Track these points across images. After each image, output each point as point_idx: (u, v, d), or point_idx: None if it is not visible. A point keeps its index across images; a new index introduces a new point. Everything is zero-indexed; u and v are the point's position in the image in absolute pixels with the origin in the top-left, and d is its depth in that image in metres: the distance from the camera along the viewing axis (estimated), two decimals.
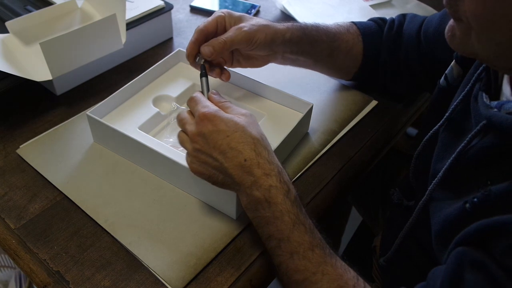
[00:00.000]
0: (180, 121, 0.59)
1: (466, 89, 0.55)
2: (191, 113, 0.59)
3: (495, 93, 0.51)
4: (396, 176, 0.98)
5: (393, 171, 0.99)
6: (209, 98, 0.60)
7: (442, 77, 0.63)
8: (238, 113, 0.57)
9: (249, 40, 0.67)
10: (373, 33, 0.78)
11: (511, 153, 0.45)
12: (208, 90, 0.64)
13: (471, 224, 0.44)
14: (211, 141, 0.54)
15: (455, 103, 0.56)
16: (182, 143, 0.58)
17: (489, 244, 0.42)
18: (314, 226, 0.54)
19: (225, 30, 0.68)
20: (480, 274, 0.41)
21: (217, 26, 0.68)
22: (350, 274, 0.51)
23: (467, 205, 0.47)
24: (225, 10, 0.69)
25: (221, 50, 0.66)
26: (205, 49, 0.66)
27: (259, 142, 0.54)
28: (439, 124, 0.58)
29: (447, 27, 0.49)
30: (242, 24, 0.67)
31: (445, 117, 0.58)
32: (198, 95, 0.60)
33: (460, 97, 0.55)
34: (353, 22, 0.79)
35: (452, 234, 0.46)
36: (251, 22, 0.68)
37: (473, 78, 0.54)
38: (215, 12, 0.69)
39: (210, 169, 0.55)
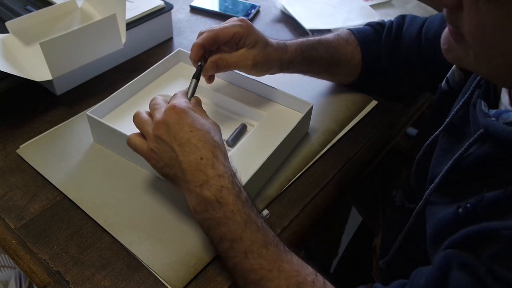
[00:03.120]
0: (152, 105, 0.59)
1: (466, 95, 0.54)
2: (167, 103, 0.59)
3: (494, 101, 0.50)
4: (396, 176, 0.98)
5: (393, 171, 1.00)
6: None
7: (444, 81, 0.63)
8: (208, 118, 0.58)
9: (252, 70, 0.69)
10: (371, 40, 0.78)
11: (507, 163, 0.45)
12: (193, 94, 0.64)
13: (463, 229, 0.44)
14: (173, 131, 0.54)
15: (455, 109, 0.56)
16: (140, 123, 0.58)
17: (477, 249, 0.42)
18: (266, 225, 0.53)
19: (236, 44, 0.68)
20: (467, 275, 0.41)
21: (231, 39, 0.67)
22: (308, 269, 0.51)
23: (460, 209, 0.47)
24: (245, 24, 0.67)
25: (222, 71, 0.68)
26: (209, 65, 0.67)
27: (219, 147, 0.55)
28: (439, 129, 0.58)
29: (442, 39, 0.48)
30: (253, 54, 0.67)
31: (445, 122, 0.57)
32: (180, 92, 0.60)
33: (460, 103, 0.55)
34: (350, 31, 0.79)
35: (444, 238, 0.46)
36: (262, 51, 0.68)
37: (473, 84, 0.54)
38: (234, 21, 0.67)
39: (165, 160, 0.55)
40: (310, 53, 0.74)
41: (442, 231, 0.49)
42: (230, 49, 0.69)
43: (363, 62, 0.78)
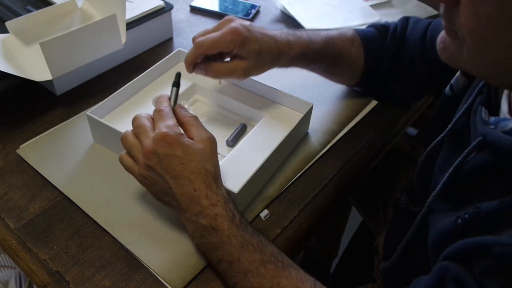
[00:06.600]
0: (137, 127, 0.57)
1: (468, 101, 0.54)
2: (152, 120, 0.57)
3: (495, 108, 0.50)
4: (396, 177, 0.98)
5: (393, 171, 0.99)
6: (174, 111, 0.59)
7: (448, 87, 0.63)
8: (199, 137, 0.56)
9: (246, 74, 0.68)
10: (375, 43, 0.77)
11: (504, 172, 0.45)
12: (175, 102, 0.62)
13: (461, 239, 0.44)
14: (165, 163, 0.53)
15: (458, 115, 0.56)
16: (129, 147, 0.57)
17: (471, 263, 0.43)
18: (264, 242, 0.54)
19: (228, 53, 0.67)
20: None
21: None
22: (307, 283, 0.52)
23: (459, 220, 0.47)
24: (237, 38, 0.64)
25: (215, 77, 0.69)
26: (199, 70, 0.68)
27: (211, 175, 0.55)
28: (442, 134, 0.58)
29: (439, 38, 0.48)
30: (244, 65, 0.66)
31: (448, 127, 0.57)
32: (166, 109, 0.58)
33: (463, 109, 0.55)
34: (356, 32, 0.77)
35: (444, 248, 0.46)
36: (255, 59, 0.66)
37: (475, 91, 0.54)
38: (228, 30, 0.65)
39: (158, 188, 0.56)
40: (314, 53, 0.72)
41: (443, 241, 0.49)
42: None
43: (365, 65, 0.77)
